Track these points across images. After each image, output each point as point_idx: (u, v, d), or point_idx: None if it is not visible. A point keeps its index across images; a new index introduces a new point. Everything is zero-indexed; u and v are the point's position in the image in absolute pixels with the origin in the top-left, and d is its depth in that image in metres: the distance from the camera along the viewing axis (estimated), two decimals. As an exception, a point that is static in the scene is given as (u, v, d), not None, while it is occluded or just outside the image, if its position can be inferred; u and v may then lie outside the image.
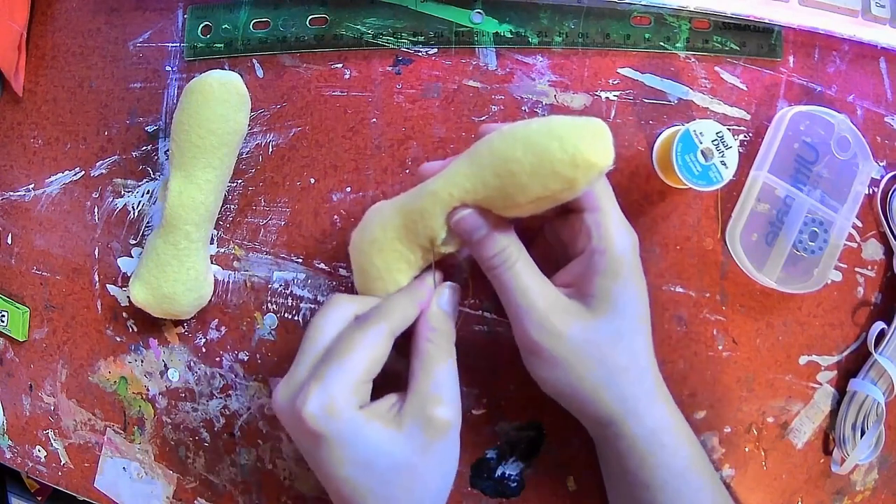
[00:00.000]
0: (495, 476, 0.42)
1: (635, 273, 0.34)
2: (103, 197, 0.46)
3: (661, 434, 0.34)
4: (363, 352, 0.31)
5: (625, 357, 0.33)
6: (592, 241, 0.34)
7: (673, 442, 0.34)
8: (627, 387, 0.34)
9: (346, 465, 0.31)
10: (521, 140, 0.32)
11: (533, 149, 0.31)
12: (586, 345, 0.33)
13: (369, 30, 0.42)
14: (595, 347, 0.33)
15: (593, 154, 0.30)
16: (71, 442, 0.48)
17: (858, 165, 0.40)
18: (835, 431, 0.42)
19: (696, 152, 0.37)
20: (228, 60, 0.44)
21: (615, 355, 0.33)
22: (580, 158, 0.30)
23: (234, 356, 0.44)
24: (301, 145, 0.43)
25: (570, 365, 0.33)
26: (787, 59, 0.42)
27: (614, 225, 0.34)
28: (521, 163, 0.31)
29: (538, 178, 0.31)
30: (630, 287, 0.34)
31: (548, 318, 0.33)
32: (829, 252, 0.40)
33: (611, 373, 0.33)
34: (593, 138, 0.31)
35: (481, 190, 0.33)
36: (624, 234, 0.34)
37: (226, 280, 0.44)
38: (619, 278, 0.33)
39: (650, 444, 0.34)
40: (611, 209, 0.34)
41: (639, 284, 0.34)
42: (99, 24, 0.46)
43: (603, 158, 0.31)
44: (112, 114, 0.46)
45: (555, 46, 0.42)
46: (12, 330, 0.48)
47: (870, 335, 0.41)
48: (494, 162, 0.32)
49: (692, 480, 0.34)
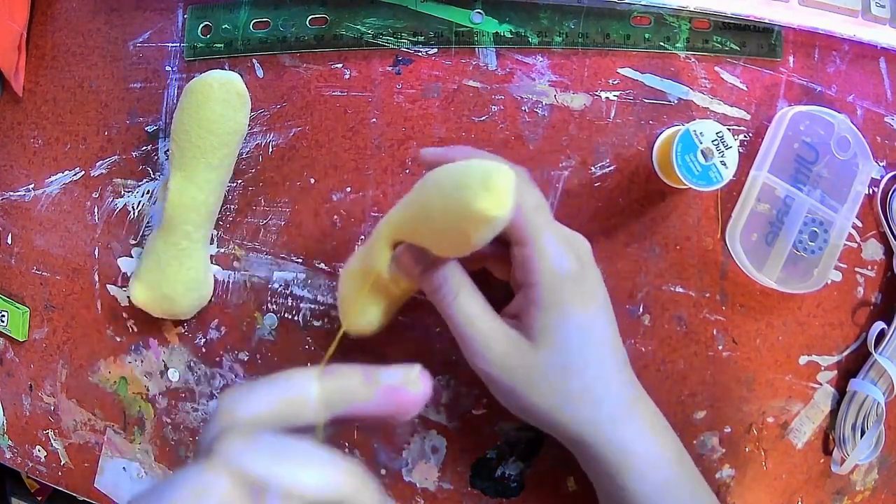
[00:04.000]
0: (495, 476, 0.42)
1: (578, 299, 0.32)
2: (103, 197, 0.46)
3: (629, 457, 0.33)
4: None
5: (576, 386, 0.32)
6: (526, 275, 0.33)
7: (642, 466, 0.33)
8: (586, 412, 0.33)
9: None
10: (435, 185, 0.31)
11: (441, 194, 0.30)
12: (534, 375, 0.32)
13: (369, 30, 0.42)
14: (542, 377, 0.32)
15: (485, 206, 0.28)
16: (71, 442, 0.48)
17: (858, 165, 0.40)
18: (835, 431, 0.42)
19: (696, 152, 0.37)
20: (228, 60, 0.44)
21: (565, 384, 0.32)
22: (473, 210, 0.28)
23: (234, 356, 0.44)
24: (301, 145, 0.43)
25: (524, 392, 0.33)
26: (787, 59, 0.42)
27: (547, 255, 0.32)
28: (435, 208, 0.30)
29: (450, 223, 0.30)
30: (572, 317, 0.32)
31: (491, 348, 0.33)
32: (829, 252, 0.40)
33: (565, 400, 0.32)
34: (487, 190, 0.28)
35: (414, 231, 0.32)
36: (558, 262, 0.32)
37: (226, 280, 0.44)
38: (556, 309, 0.32)
39: (619, 466, 0.33)
40: (541, 238, 0.32)
41: (585, 309, 0.33)
42: (99, 24, 0.46)
43: (495, 210, 0.28)
44: (112, 114, 0.45)
45: (555, 46, 0.42)
46: (12, 330, 0.48)
47: (870, 335, 0.41)
48: (418, 204, 0.32)
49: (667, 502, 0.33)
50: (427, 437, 0.42)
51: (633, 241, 0.41)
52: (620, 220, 0.41)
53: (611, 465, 0.33)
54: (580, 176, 0.42)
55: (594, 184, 0.42)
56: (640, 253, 0.41)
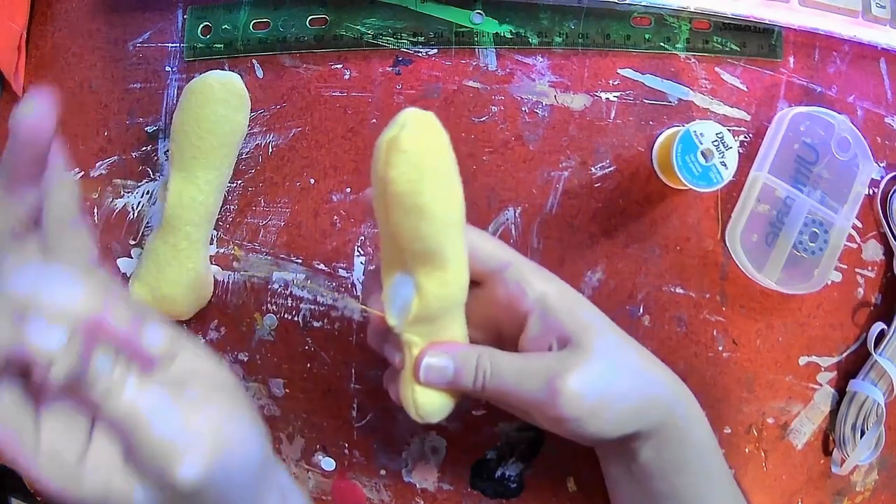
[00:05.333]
0: (495, 477, 0.42)
1: (557, 288, 0.33)
2: (103, 197, 0.46)
3: (697, 433, 0.34)
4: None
5: (636, 367, 0.33)
6: (518, 306, 0.33)
7: (708, 442, 0.35)
8: (658, 391, 0.33)
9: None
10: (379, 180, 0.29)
11: (374, 181, 0.29)
12: (597, 385, 0.32)
13: (369, 30, 0.42)
14: (605, 383, 0.32)
15: (391, 134, 0.27)
16: (71, 442, 0.48)
17: (858, 166, 0.40)
18: (835, 432, 0.42)
19: (697, 153, 0.37)
20: (228, 61, 0.44)
21: (621, 376, 0.32)
22: (384, 147, 0.27)
23: (233, 356, 0.44)
24: (301, 146, 0.43)
25: (602, 407, 0.32)
26: (788, 59, 0.42)
27: (531, 282, 0.33)
28: (377, 200, 0.29)
29: (386, 196, 0.28)
30: (582, 313, 0.33)
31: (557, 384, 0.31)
32: (830, 253, 0.40)
33: (639, 387, 0.33)
34: (395, 126, 0.27)
35: (391, 246, 0.30)
36: (540, 283, 0.33)
37: (226, 280, 0.44)
38: (568, 316, 0.32)
39: (692, 442, 0.34)
40: (515, 271, 0.33)
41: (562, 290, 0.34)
42: (99, 24, 0.46)
43: (398, 130, 0.27)
44: (112, 114, 0.45)
45: (555, 47, 0.42)
46: (12, 330, 0.47)
47: (870, 336, 0.41)
48: (382, 227, 0.30)
49: (721, 467, 0.35)
50: (427, 438, 0.42)
51: (633, 241, 0.41)
52: (620, 220, 0.41)
53: (689, 443, 0.33)
54: (580, 176, 0.42)
55: (594, 184, 0.42)
56: (640, 253, 0.41)
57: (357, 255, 0.43)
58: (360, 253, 0.43)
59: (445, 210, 0.29)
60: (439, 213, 0.28)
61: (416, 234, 0.28)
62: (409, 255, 0.29)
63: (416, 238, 0.28)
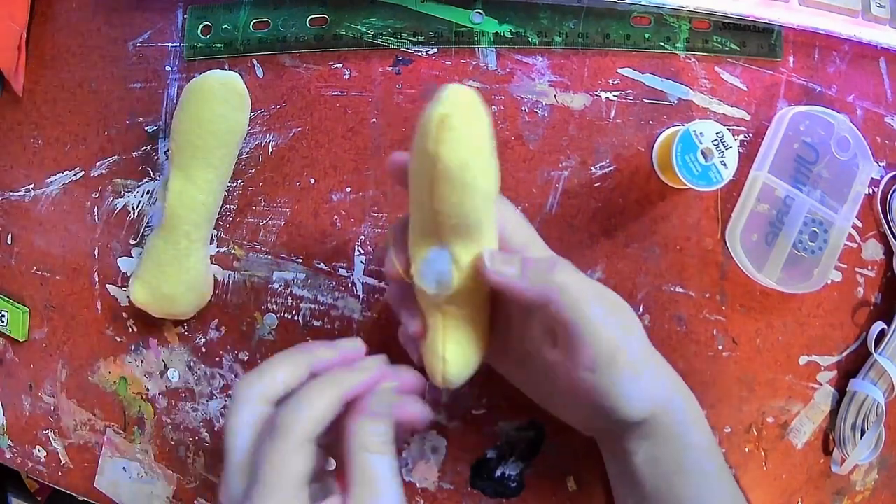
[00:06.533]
0: (495, 476, 0.42)
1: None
2: (103, 197, 0.46)
3: (695, 433, 0.34)
4: (287, 469, 0.28)
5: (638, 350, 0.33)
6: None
7: (705, 444, 0.35)
8: (659, 381, 0.34)
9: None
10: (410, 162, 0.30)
11: (414, 155, 0.30)
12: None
13: (369, 30, 0.42)
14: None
15: (440, 110, 0.27)
16: (71, 442, 0.48)
17: (858, 165, 0.40)
18: (835, 431, 0.42)
19: (696, 152, 0.37)
20: (228, 60, 0.44)
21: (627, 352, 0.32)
22: (429, 120, 0.27)
23: (234, 356, 0.44)
24: (301, 145, 0.43)
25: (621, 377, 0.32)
26: (787, 59, 0.42)
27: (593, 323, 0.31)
28: (416, 173, 0.30)
29: (429, 169, 0.29)
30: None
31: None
32: (829, 252, 0.40)
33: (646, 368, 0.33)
34: (440, 100, 0.28)
35: (423, 219, 0.31)
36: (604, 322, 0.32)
37: (226, 280, 0.44)
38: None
39: (690, 439, 0.34)
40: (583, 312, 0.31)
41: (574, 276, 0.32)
42: (99, 24, 0.46)
43: (447, 107, 0.27)
44: (112, 114, 0.45)
45: (555, 46, 0.42)
46: (12, 330, 0.48)
47: (870, 335, 0.41)
48: (412, 194, 0.31)
49: (721, 467, 0.35)
50: (427, 437, 0.42)
51: (632, 241, 0.41)
52: (620, 220, 0.41)
53: (686, 438, 0.33)
54: (580, 176, 0.42)
55: (594, 184, 0.42)
56: (640, 253, 0.41)
57: (357, 255, 0.43)
58: (361, 252, 0.43)
59: (489, 185, 0.30)
60: (483, 188, 0.29)
61: (459, 209, 0.29)
62: (447, 228, 0.30)
63: (460, 213, 0.29)
